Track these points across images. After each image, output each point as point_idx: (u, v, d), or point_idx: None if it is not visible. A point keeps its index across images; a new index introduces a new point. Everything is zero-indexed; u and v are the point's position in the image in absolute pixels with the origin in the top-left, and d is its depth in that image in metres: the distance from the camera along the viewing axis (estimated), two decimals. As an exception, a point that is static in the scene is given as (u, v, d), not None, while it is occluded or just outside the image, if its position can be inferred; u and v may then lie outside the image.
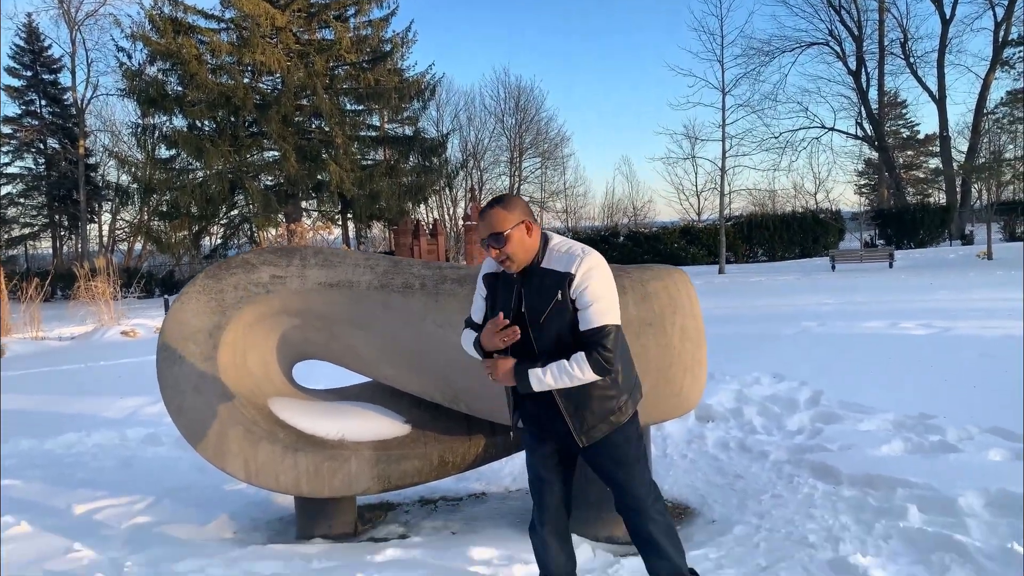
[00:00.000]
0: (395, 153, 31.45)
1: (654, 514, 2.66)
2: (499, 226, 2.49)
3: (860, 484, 4.12)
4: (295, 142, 27.58)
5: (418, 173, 31.23)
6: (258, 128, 28.47)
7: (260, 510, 4.43)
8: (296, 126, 28.40)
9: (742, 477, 4.56)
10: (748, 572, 3.22)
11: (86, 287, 16.71)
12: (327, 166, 27.46)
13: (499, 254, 2.50)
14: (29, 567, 3.50)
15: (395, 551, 3.60)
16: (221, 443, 3.70)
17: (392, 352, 3.90)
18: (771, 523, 3.77)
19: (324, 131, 28.78)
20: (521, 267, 2.54)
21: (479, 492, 4.67)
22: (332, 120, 27.76)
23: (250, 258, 3.95)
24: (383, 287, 3.83)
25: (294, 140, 27.60)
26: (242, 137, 28.03)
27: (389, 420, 4.01)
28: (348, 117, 30.15)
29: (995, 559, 3.08)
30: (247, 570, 3.38)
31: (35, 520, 4.16)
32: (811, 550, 3.38)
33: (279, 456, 3.73)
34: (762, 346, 7.99)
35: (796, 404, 5.89)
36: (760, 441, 5.14)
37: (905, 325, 9.43)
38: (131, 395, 7.62)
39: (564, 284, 2.47)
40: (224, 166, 27.44)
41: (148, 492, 4.69)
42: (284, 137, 27.15)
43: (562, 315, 2.47)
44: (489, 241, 2.50)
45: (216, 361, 3.80)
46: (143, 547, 3.81)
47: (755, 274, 24.21)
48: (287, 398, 4.03)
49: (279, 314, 3.97)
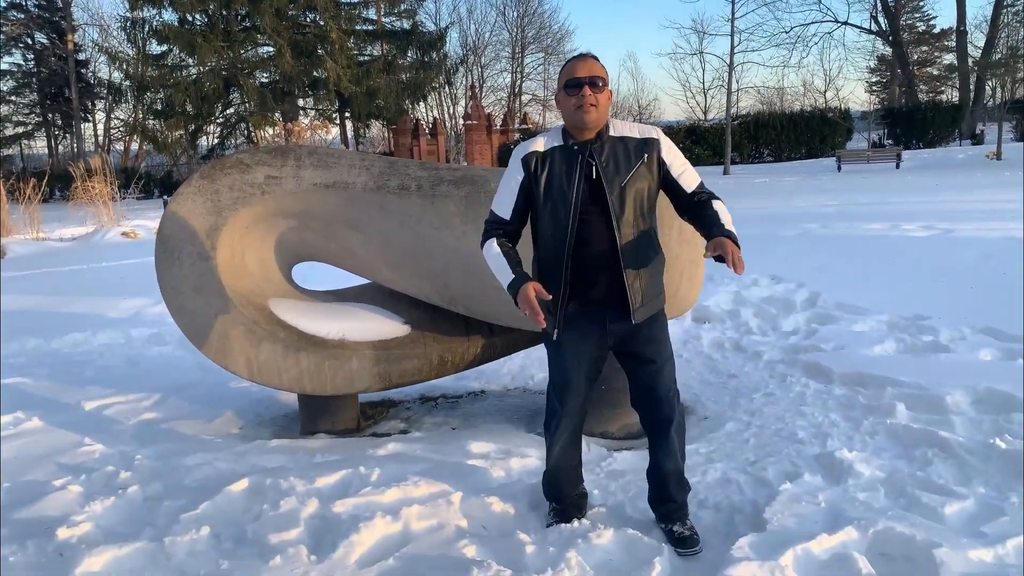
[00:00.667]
0: (392, 48, 30.55)
1: (675, 408, 2.70)
2: (599, 72, 2.46)
3: (851, 383, 4.21)
4: (289, 37, 26.76)
5: (416, 69, 30.44)
6: (251, 22, 27.55)
7: (264, 407, 4.55)
8: (290, 20, 27.48)
9: (735, 376, 4.65)
10: (737, 466, 3.32)
11: (83, 188, 16.58)
12: (323, 62, 26.76)
13: (591, 97, 2.42)
14: (42, 460, 3.63)
15: (396, 445, 3.71)
16: (223, 343, 3.76)
17: (389, 254, 3.90)
18: (762, 420, 3.87)
19: (319, 25, 27.84)
20: (595, 128, 2.49)
21: (478, 390, 4.78)
22: (327, 13, 26.83)
23: (244, 158, 3.89)
24: (379, 188, 3.80)
25: (288, 35, 26.76)
26: (235, 32, 27.17)
27: (389, 321, 4.06)
28: (343, 10, 29.11)
29: (976, 454, 3.18)
30: (253, 464, 3.50)
31: (46, 416, 4.28)
32: (799, 445, 3.48)
33: (281, 355, 3.79)
34: (763, 248, 7.99)
35: (793, 305, 5.94)
36: (755, 341, 5.21)
37: (907, 227, 9.39)
38: (134, 296, 7.69)
39: (650, 148, 2.51)
40: (218, 62, 26.72)
41: (155, 390, 4.81)
42: (278, 32, 26.31)
43: (642, 179, 2.49)
44: (588, 81, 2.42)
45: (214, 262, 3.80)
46: (152, 441, 3.94)
47: (760, 175, 23.92)
48: (287, 299, 4.06)
49: (275, 215, 3.95)
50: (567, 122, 2.54)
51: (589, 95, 2.42)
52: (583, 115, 2.44)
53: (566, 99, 2.48)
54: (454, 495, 2.99)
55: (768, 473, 3.20)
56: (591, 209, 2.48)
